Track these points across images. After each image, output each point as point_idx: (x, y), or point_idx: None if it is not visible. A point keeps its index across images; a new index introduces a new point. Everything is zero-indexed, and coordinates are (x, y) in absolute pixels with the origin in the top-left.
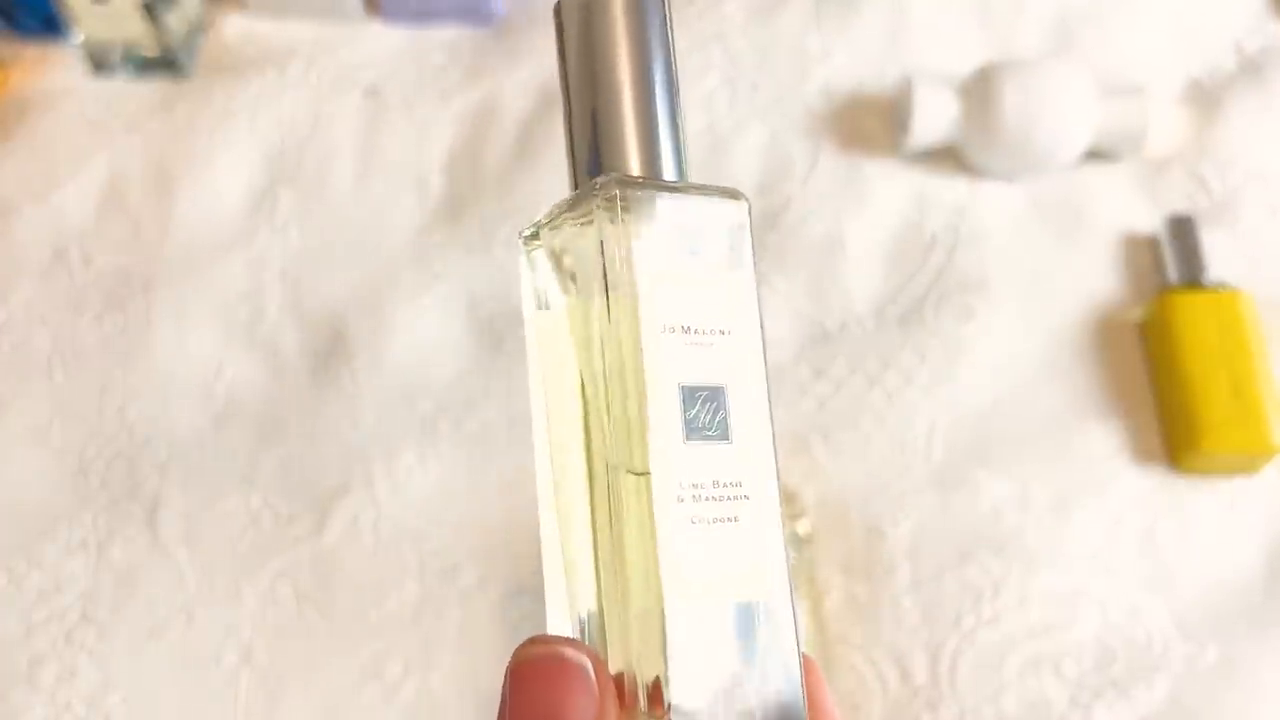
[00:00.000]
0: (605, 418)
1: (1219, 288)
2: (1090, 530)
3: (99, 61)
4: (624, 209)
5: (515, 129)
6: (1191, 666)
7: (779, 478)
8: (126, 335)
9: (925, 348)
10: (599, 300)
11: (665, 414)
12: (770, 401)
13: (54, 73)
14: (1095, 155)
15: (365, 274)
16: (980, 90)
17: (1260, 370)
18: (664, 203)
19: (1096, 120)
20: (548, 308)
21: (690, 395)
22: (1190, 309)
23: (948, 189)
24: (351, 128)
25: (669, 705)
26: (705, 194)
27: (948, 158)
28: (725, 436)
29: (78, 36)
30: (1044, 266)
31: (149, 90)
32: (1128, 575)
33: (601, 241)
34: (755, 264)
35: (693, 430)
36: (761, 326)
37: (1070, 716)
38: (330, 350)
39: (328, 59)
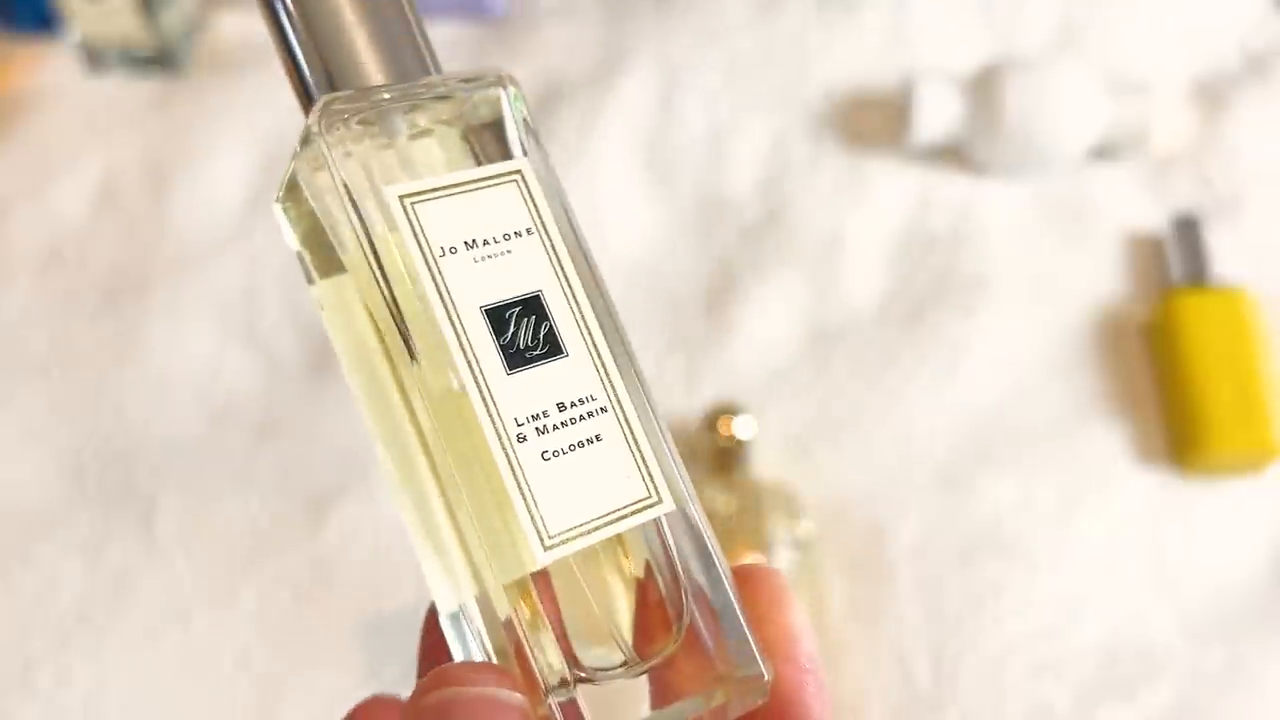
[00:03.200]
0: (414, 379)
1: (1224, 287)
2: (1094, 532)
3: (95, 59)
4: (345, 133)
5: None
6: (1196, 669)
7: (639, 372)
8: (123, 335)
9: (927, 347)
10: (355, 248)
11: (475, 348)
12: (605, 295)
13: (50, 71)
14: (1099, 154)
15: None
16: (983, 88)
17: (1265, 370)
18: (398, 113)
19: (1100, 119)
20: (317, 277)
21: (499, 317)
22: (1195, 308)
23: (950, 188)
24: None
25: (574, 679)
26: (441, 89)
27: (950, 156)
28: (558, 350)
29: (74, 34)
30: (1047, 266)
31: (145, 88)
32: (1131, 577)
33: (334, 179)
34: (538, 147)
35: (515, 356)
36: (566, 210)
37: (1073, 719)
38: (328, 350)
39: None
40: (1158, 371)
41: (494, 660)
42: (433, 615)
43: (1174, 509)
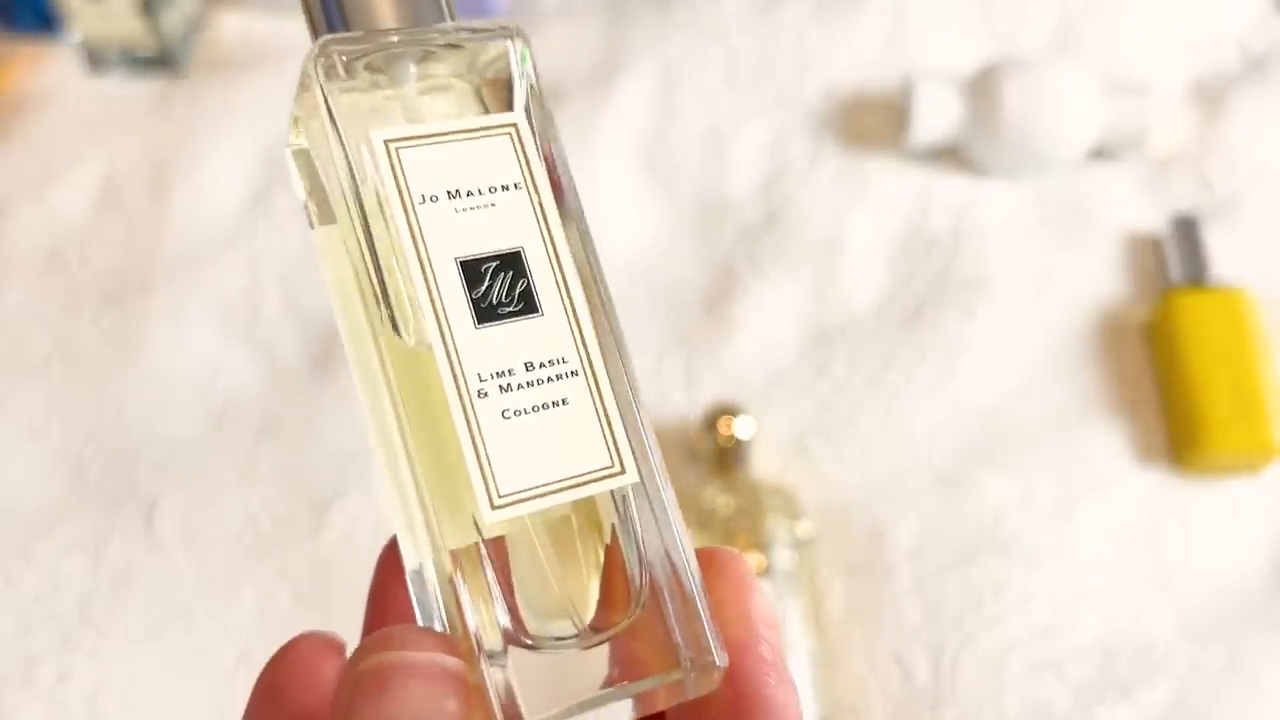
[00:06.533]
0: (383, 328)
1: (1223, 287)
2: (1093, 531)
3: (96, 60)
4: (343, 74)
5: None
6: (1194, 668)
7: (619, 339)
8: (124, 335)
9: (927, 347)
10: (339, 192)
11: (445, 299)
12: (593, 257)
13: (51, 71)
14: (1098, 154)
15: None
16: (982, 89)
17: (1264, 370)
18: (407, 60)
19: (1099, 119)
20: (316, 224)
21: (474, 270)
22: (1194, 309)
23: (950, 188)
24: None
25: (512, 646)
26: (451, 37)
27: (950, 157)
28: (533, 308)
29: (75, 35)
30: (1046, 266)
31: (146, 89)
32: (1130, 576)
33: (325, 121)
34: (536, 105)
35: (486, 311)
36: (564, 171)
37: (1072, 718)
38: (328, 350)
39: None
40: (1157, 371)
41: (447, 621)
42: (384, 563)
43: (1173, 508)
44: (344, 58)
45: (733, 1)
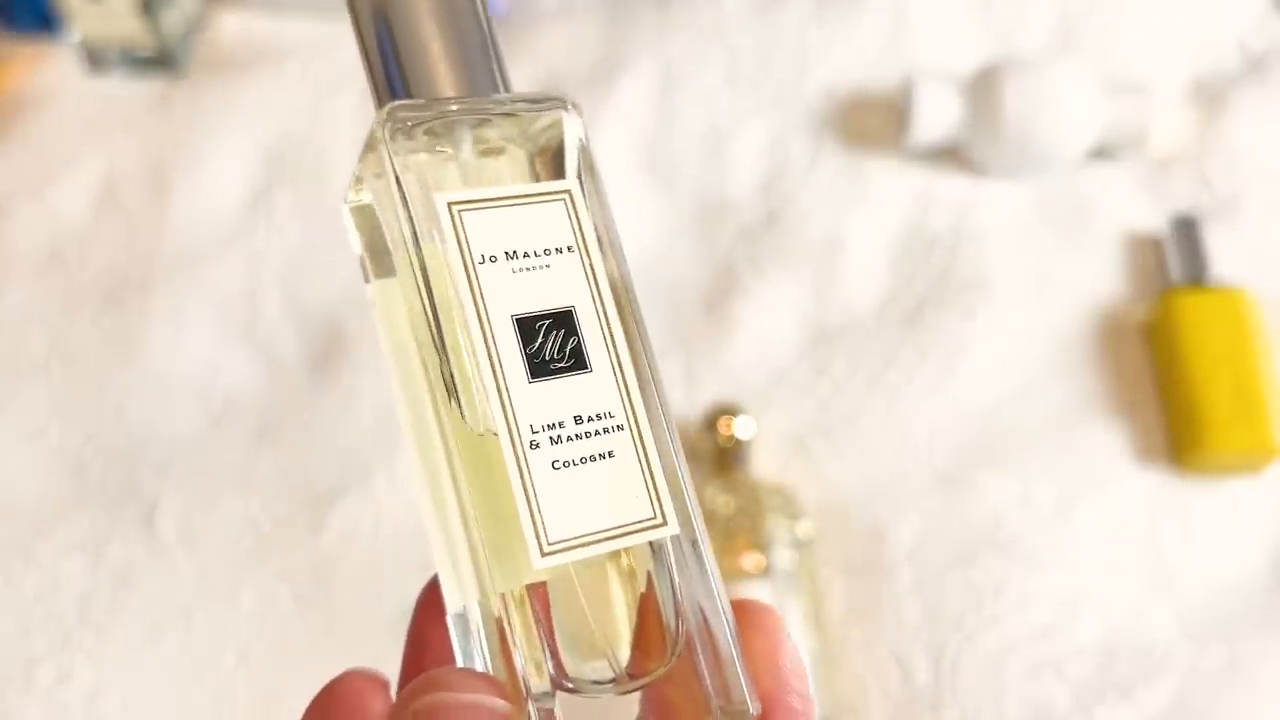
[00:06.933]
0: (443, 377)
1: (1223, 287)
2: (1093, 531)
3: (96, 60)
4: (404, 137)
5: None
6: (1195, 668)
7: (663, 397)
8: (124, 335)
9: (927, 347)
10: (403, 248)
11: (502, 355)
12: (638, 317)
13: (50, 71)
14: (1098, 154)
15: None
16: (983, 88)
17: (1264, 370)
18: (464, 126)
19: (1099, 119)
20: (372, 277)
21: (529, 327)
22: (1194, 309)
23: (950, 188)
24: (349, 126)
25: (556, 689)
26: (507, 107)
27: (950, 156)
28: (582, 365)
29: (74, 35)
30: (1047, 266)
31: (146, 89)
32: (1131, 576)
33: (391, 181)
34: (590, 171)
35: (540, 366)
36: (611, 235)
37: (1072, 718)
38: (328, 350)
39: (325, 58)
40: (1157, 371)
41: (490, 663)
42: (424, 605)
43: (1173, 508)
44: (409, 123)
45: (733, 1)
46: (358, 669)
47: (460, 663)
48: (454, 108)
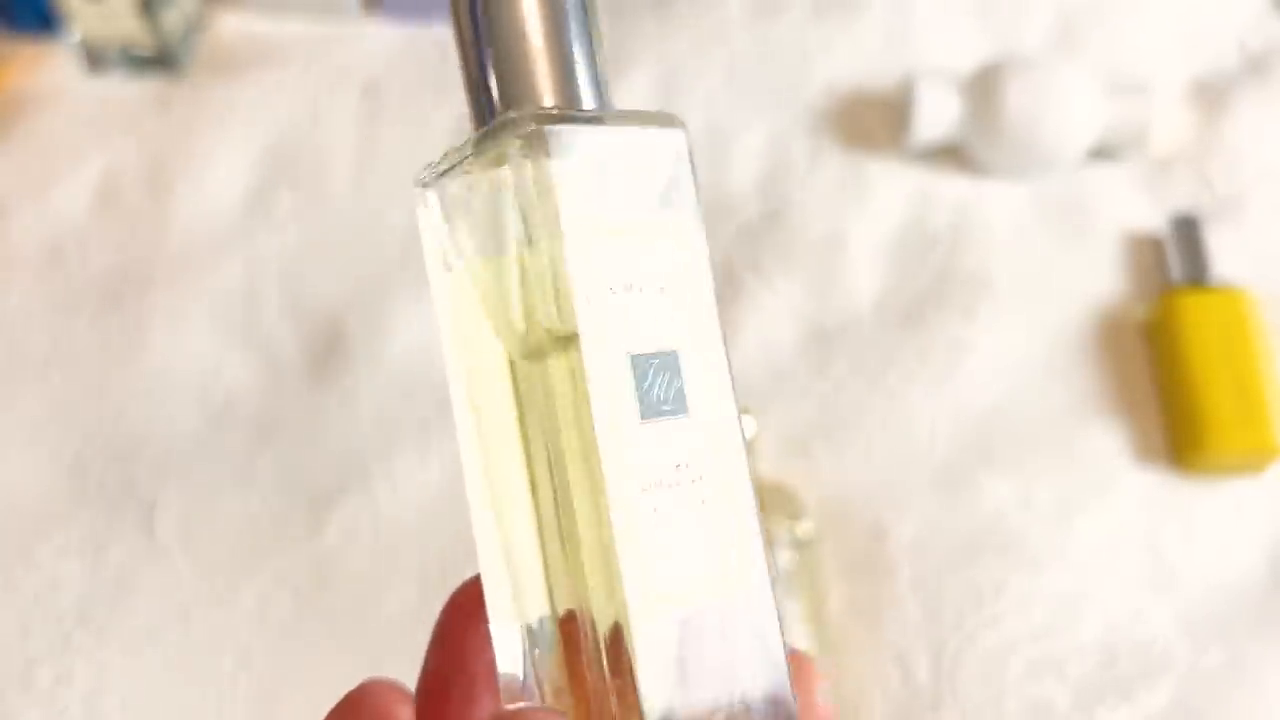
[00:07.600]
0: (540, 400)
1: (1224, 287)
2: (1093, 531)
3: (95, 60)
4: (541, 147)
5: None
6: (1195, 668)
7: (746, 449)
8: (123, 335)
9: (927, 347)
10: (516, 260)
11: (615, 391)
12: (729, 362)
13: (50, 71)
14: (1099, 154)
15: (364, 273)
16: (983, 88)
17: (1265, 370)
18: (587, 137)
19: (1100, 119)
20: (451, 269)
21: (642, 366)
22: (1194, 309)
23: (950, 188)
24: (349, 126)
25: None
26: (633, 123)
27: (950, 156)
28: (683, 409)
29: (74, 34)
30: (1047, 266)
31: (145, 89)
32: (1131, 576)
33: (516, 188)
34: (698, 201)
35: (649, 407)
36: (711, 275)
37: (1072, 718)
38: (329, 350)
39: (325, 58)
40: (1157, 371)
41: (542, 687)
42: (455, 607)
43: (1173, 509)
44: (534, 130)
45: (733, 1)
46: (377, 678)
47: (501, 672)
48: (577, 115)
